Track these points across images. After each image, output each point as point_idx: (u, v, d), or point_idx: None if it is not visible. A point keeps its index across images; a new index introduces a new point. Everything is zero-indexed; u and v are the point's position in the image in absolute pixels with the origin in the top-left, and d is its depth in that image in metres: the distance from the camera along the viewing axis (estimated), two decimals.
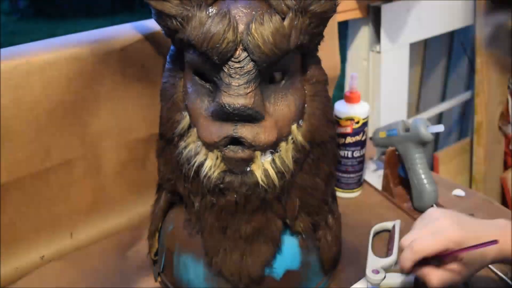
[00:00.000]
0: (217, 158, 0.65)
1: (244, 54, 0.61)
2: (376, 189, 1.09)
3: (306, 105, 0.70)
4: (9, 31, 5.24)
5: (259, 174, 0.66)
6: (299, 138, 0.69)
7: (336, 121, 1.00)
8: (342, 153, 1.02)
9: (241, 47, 0.61)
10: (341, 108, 1.00)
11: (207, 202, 0.69)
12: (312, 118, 0.70)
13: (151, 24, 0.92)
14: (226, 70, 0.61)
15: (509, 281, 0.82)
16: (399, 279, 0.80)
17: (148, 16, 0.82)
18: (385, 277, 0.79)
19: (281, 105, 0.66)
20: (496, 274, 0.84)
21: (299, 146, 0.69)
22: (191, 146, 0.68)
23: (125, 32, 0.93)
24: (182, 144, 0.69)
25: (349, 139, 1.00)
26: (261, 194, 0.67)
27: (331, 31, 1.25)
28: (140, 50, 0.92)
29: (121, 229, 1.00)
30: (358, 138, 1.00)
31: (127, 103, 0.94)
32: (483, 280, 0.83)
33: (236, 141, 0.64)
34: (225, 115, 0.62)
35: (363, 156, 1.04)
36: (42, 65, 0.83)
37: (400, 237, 0.89)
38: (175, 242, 0.79)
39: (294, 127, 0.68)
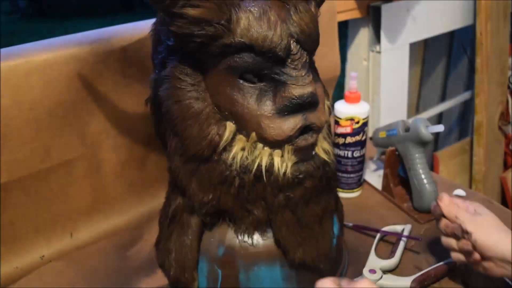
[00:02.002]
0: (287, 152, 0.67)
1: (297, 45, 0.63)
2: (376, 189, 1.09)
3: None
4: (9, 31, 5.24)
5: (322, 154, 0.70)
6: (328, 116, 0.73)
7: (336, 121, 1.00)
8: (342, 153, 1.02)
9: (292, 39, 0.63)
10: (341, 108, 1.00)
11: (281, 200, 0.69)
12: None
13: (148, 24, 0.92)
14: (289, 64, 0.63)
15: (509, 281, 0.82)
16: (395, 281, 0.80)
17: (148, 16, 0.82)
18: (381, 277, 0.79)
19: (318, 88, 0.69)
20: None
21: (329, 122, 0.75)
22: (240, 154, 0.67)
23: (125, 32, 0.93)
24: (228, 155, 0.67)
25: (349, 139, 1.00)
26: (329, 172, 0.71)
27: (331, 31, 1.25)
28: (140, 49, 0.92)
29: (121, 229, 1.00)
30: (358, 138, 1.00)
31: (127, 103, 0.94)
32: (483, 280, 0.83)
33: (304, 129, 0.66)
34: (296, 106, 0.64)
35: (363, 156, 1.04)
36: (42, 65, 0.83)
37: (407, 242, 0.90)
38: (237, 262, 0.75)
39: (327, 103, 0.73)
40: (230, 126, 0.67)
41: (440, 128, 0.93)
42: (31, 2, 6.21)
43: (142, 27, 0.92)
